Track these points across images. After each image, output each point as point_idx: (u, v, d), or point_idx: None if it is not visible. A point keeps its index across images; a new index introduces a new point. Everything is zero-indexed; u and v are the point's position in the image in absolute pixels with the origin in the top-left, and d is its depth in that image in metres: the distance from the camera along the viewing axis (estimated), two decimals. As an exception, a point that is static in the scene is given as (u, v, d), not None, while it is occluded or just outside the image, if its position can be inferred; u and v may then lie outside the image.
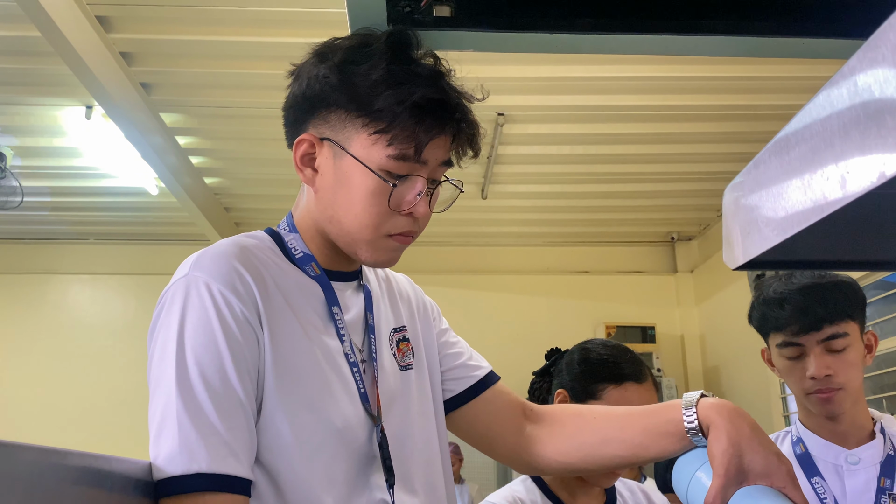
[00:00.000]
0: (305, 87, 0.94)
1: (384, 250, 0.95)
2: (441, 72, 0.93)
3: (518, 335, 6.05)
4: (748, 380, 5.41)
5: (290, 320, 0.90)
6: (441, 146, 0.92)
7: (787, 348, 1.39)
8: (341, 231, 0.94)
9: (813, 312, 1.35)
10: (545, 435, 1.08)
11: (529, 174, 5.08)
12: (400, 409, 1.00)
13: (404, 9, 0.92)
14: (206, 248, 0.92)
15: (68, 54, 3.25)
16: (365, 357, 0.98)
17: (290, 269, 0.96)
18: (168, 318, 0.86)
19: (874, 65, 0.35)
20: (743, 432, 0.89)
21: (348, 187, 0.92)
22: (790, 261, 0.54)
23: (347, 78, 0.90)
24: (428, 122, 0.89)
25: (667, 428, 0.97)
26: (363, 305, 1.02)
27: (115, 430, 4.88)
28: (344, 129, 0.91)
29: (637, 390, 1.33)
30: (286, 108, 0.99)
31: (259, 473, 0.85)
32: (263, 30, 3.50)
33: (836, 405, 1.36)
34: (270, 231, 1.01)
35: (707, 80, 3.98)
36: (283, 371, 0.87)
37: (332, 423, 0.89)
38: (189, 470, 0.79)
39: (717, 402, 0.95)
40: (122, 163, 4.59)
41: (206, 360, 0.83)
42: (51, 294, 6.28)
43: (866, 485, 1.35)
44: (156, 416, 0.83)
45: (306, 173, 0.96)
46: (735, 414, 0.92)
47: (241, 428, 0.83)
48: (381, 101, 0.88)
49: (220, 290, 0.86)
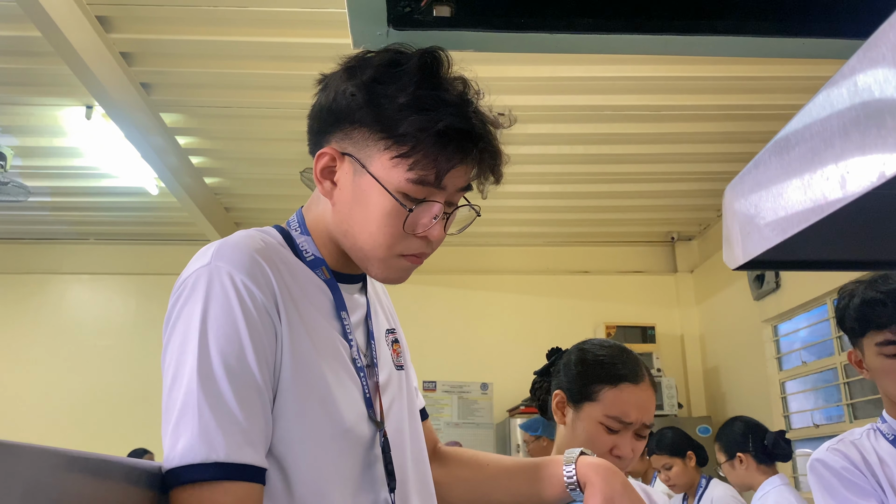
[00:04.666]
0: (332, 101, 0.94)
1: (395, 269, 0.96)
2: (469, 100, 0.93)
3: (518, 335, 6.06)
4: (748, 380, 5.41)
5: (305, 315, 0.91)
6: (461, 174, 0.93)
7: (889, 346, 1.41)
8: (355, 246, 0.95)
9: None
10: (444, 476, 1.14)
11: (529, 174, 5.08)
12: (398, 411, 1.02)
13: (404, 9, 0.92)
14: (226, 238, 0.92)
15: (68, 54, 3.25)
16: (368, 362, 0.99)
17: (301, 267, 0.96)
18: (190, 306, 0.86)
19: (874, 65, 0.35)
20: (615, 489, 0.99)
21: (365, 205, 0.92)
22: (790, 261, 0.54)
23: (374, 98, 0.90)
24: (450, 150, 0.89)
25: (550, 481, 1.06)
26: (366, 310, 1.03)
27: (115, 430, 4.89)
28: (366, 148, 0.92)
29: (634, 391, 1.32)
30: (311, 117, 0.99)
31: (270, 463, 0.86)
32: (263, 30, 3.50)
33: None
34: (279, 228, 1.01)
35: (707, 80, 3.99)
36: (298, 364, 0.88)
37: (342, 422, 0.90)
38: (208, 458, 0.79)
39: (594, 461, 1.04)
40: (123, 163, 4.60)
41: (229, 350, 0.83)
42: (51, 294, 6.28)
43: None
44: (174, 406, 0.82)
45: (325, 186, 0.96)
46: (609, 472, 1.01)
47: (258, 416, 0.83)
48: (405, 126, 0.88)
49: (243, 280, 0.86)
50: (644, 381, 1.34)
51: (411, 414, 1.06)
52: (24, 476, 0.54)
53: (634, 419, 1.30)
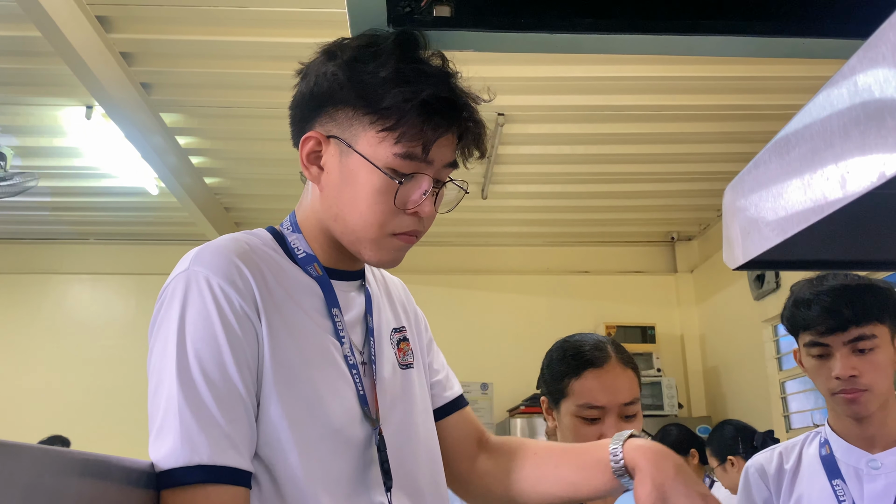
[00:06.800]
0: (313, 85, 0.94)
1: (388, 250, 0.95)
2: (449, 72, 0.94)
3: (518, 335, 6.05)
4: (748, 380, 5.41)
5: (289, 318, 0.91)
6: (447, 146, 0.93)
7: (815, 348, 1.42)
8: (346, 229, 0.94)
9: (839, 313, 1.37)
10: (493, 467, 1.11)
11: (529, 174, 5.07)
12: (402, 410, 1.00)
13: (404, 9, 0.92)
14: (206, 243, 0.92)
15: (68, 54, 3.25)
16: (365, 359, 0.98)
17: (290, 268, 0.96)
18: (168, 312, 0.87)
19: (874, 65, 0.35)
20: (668, 474, 0.91)
21: (354, 185, 0.92)
22: (790, 261, 0.54)
23: (356, 76, 0.91)
24: (436, 120, 0.89)
25: (597, 467, 0.99)
26: (364, 307, 1.02)
27: (115, 430, 4.88)
28: (351, 127, 0.92)
29: (597, 375, 1.30)
30: (293, 107, 0.99)
31: (258, 467, 0.86)
32: (263, 30, 3.50)
33: (861, 406, 1.37)
34: (272, 230, 1.01)
35: (707, 80, 3.98)
36: (280, 367, 0.88)
37: (330, 422, 0.89)
38: (191, 462, 0.79)
39: (642, 443, 0.96)
40: (122, 163, 4.59)
41: (206, 354, 0.84)
42: (51, 294, 6.27)
43: (886, 489, 1.36)
44: (157, 410, 0.83)
45: (312, 171, 0.96)
46: (660, 456, 0.93)
47: (241, 420, 0.84)
48: (389, 99, 0.88)
49: (220, 284, 0.86)
50: (609, 362, 1.32)
51: (426, 412, 1.05)
52: (24, 476, 0.54)
53: (606, 402, 1.28)
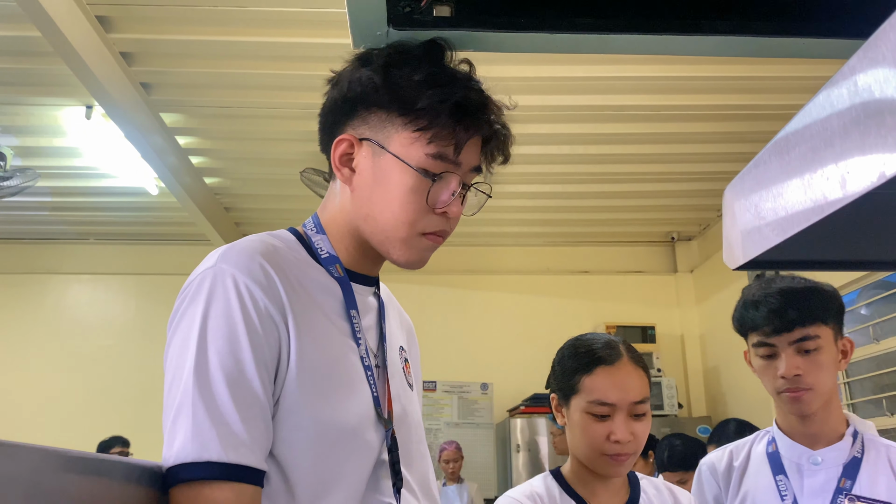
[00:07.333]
0: (346, 90, 0.98)
1: (417, 249, 0.97)
2: (476, 79, 0.99)
3: (518, 335, 6.06)
4: (748, 380, 5.39)
5: (313, 318, 0.92)
6: (474, 149, 0.98)
7: (761, 348, 1.46)
8: (376, 229, 0.97)
9: (785, 314, 1.42)
10: None
11: (530, 174, 5.08)
12: (408, 413, 1.03)
13: (404, 9, 0.92)
14: (233, 242, 0.94)
15: (68, 54, 3.25)
16: (379, 363, 1.00)
17: (312, 269, 0.97)
18: (192, 307, 0.87)
19: (874, 65, 0.35)
20: None
21: (386, 185, 0.95)
22: (790, 261, 0.54)
23: (391, 79, 0.95)
24: (467, 122, 0.94)
25: None
26: (379, 313, 1.05)
27: (115, 430, 4.87)
28: (384, 129, 0.95)
29: (610, 372, 1.32)
30: (324, 113, 1.02)
31: (271, 465, 0.86)
32: (263, 30, 3.50)
33: (805, 405, 1.42)
34: (293, 231, 1.03)
35: (707, 80, 3.98)
36: (306, 367, 0.89)
37: (348, 422, 0.90)
38: (201, 457, 0.80)
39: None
40: (122, 163, 4.60)
41: (226, 351, 0.84)
42: (51, 294, 6.28)
43: (824, 485, 1.41)
44: (172, 404, 0.83)
45: (344, 173, 0.98)
46: None
47: (256, 419, 0.84)
48: (423, 101, 0.93)
49: (246, 283, 0.87)
50: (621, 360, 1.34)
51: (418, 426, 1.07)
52: (24, 476, 0.54)
53: (616, 399, 1.29)
